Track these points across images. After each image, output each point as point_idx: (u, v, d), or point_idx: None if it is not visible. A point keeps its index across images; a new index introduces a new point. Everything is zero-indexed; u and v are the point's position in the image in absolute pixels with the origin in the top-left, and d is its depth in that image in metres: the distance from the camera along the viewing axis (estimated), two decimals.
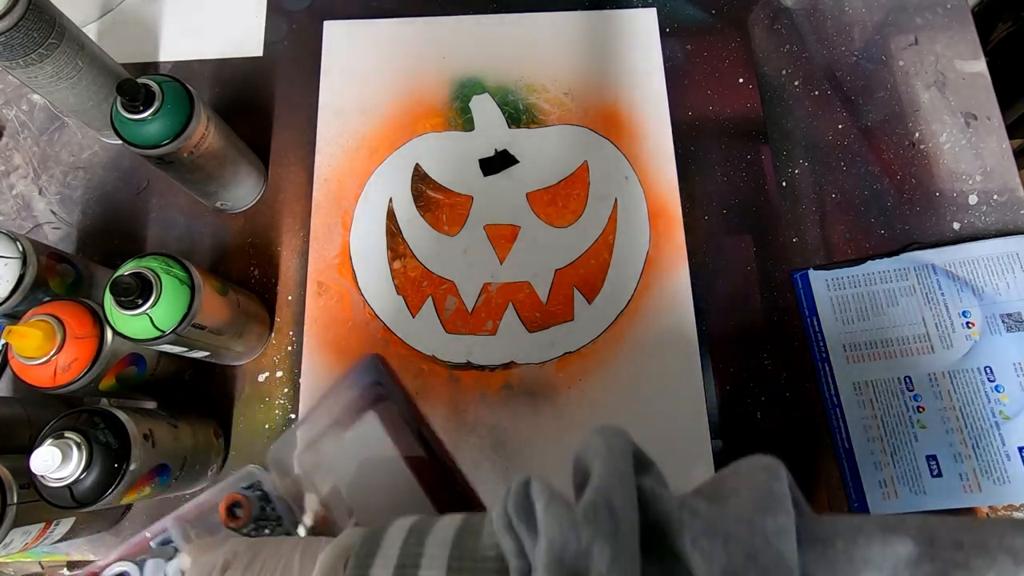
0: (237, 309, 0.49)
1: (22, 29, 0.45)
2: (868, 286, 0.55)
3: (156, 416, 0.45)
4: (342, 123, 0.61)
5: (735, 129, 0.60)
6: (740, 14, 0.64)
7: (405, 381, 0.54)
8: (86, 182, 0.60)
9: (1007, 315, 0.53)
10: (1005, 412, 0.51)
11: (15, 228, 0.58)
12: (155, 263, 0.43)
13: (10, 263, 0.45)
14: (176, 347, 0.45)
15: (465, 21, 0.64)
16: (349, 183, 0.59)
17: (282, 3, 0.65)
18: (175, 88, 0.47)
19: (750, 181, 0.59)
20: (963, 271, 0.55)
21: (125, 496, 0.41)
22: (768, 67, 0.62)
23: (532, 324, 0.55)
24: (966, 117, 0.60)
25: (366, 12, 0.65)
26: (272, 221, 0.59)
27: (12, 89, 0.63)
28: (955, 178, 0.58)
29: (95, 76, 0.52)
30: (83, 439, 0.39)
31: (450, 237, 0.57)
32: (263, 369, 0.55)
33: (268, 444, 0.53)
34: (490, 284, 0.56)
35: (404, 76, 0.62)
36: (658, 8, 0.64)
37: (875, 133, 0.60)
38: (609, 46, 0.63)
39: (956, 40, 0.62)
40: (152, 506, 0.52)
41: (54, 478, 0.38)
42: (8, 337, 0.41)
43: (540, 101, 0.61)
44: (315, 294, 0.56)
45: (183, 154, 0.47)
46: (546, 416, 0.53)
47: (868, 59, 0.62)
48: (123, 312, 0.41)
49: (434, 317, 0.55)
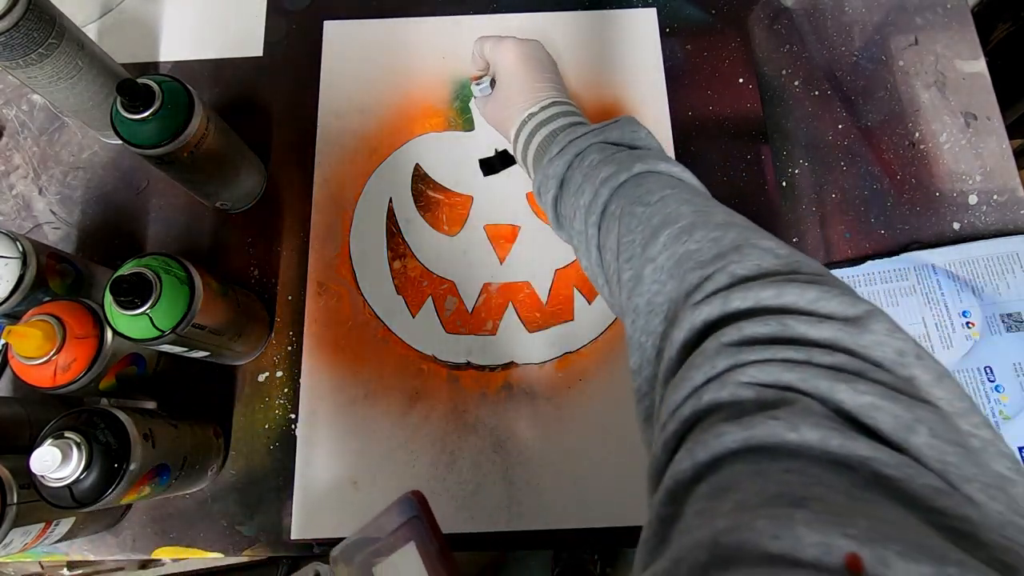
0: (237, 309, 0.49)
1: (22, 29, 0.45)
2: (868, 286, 0.55)
3: (156, 416, 0.45)
4: (342, 123, 0.61)
5: (735, 129, 0.60)
6: (740, 14, 0.64)
7: (405, 381, 0.54)
8: (86, 182, 0.60)
9: (1007, 315, 0.53)
10: (1005, 412, 0.51)
11: (15, 228, 0.58)
12: (155, 263, 0.43)
13: (10, 263, 0.45)
14: (176, 347, 0.45)
15: (465, 21, 0.64)
16: (349, 183, 0.59)
17: (282, 3, 0.65)
18: (175, 88, 0.47)
19: (750, 181, 0.59)
20: (963, 271, 0.55)
21: (125, 496, 0.41)
22: (768, 67, 0.62)
23: (532, 324, 0.55)
24: (966, 117, 0.60)
25: (366, 12, 0.65)
26: (272, 221, 0.59)
27: (12, 89, 0.63)
28: (955, 178, 0.58)
29: (95, 76, 0.52)
30: (83, 439, 0.39)
31: (450, 237, 0.57)
32: (263, 369, 0.55)
33: (269, 443, 0.53)
34: (490, 284, 0.56)
35: (404, 76, 0.62)
36: (658, 8, 0.64)
37: (875, 133, 0.60)
38: (609, 46, 0.63)
39: (956, 40, 0.62)
40: (152, 506, 0.52)
41: (54, 478, 0.38)
42: (8, 337, 0.41)
43: None
44: (315, 294, 0.56)
45: (183, 154, 0.47)
46: (546, 416, 0.53)
47: (868, 59, 0.62)
48: (123, 312, 0.41)
49: (434, 317, 0.55)
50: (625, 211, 0.35)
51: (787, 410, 0.20)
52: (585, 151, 0.41)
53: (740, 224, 0.30)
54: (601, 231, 0.37)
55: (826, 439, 0.19)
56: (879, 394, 0.20)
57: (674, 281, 0.29)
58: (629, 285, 0.32)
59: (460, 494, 0.51)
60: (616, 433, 0.52)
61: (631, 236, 0.33)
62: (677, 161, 0.39)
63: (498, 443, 0.52)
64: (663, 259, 0.30)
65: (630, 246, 0.33)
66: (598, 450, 0.52)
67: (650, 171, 0.37)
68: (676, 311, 0.28)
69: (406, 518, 0.39)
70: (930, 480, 0.18)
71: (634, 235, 0.33)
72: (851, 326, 0.23)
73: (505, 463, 0.52)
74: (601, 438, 0.52)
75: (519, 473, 0.51)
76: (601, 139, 0.41)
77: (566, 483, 0.51)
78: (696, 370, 0.24)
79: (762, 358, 0.23)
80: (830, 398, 0.21)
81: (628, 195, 0.35)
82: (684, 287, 0.28)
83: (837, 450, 0.19)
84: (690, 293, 0.27)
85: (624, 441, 0.52)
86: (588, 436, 0.52)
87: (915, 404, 0.20)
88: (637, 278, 0.31)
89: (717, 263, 0.27)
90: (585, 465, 0.52)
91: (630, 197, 0.35)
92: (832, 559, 0.15)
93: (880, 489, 0.18)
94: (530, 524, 0.50)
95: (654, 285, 0.30)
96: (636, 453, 0.52)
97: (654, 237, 0.31)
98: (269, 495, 0.52)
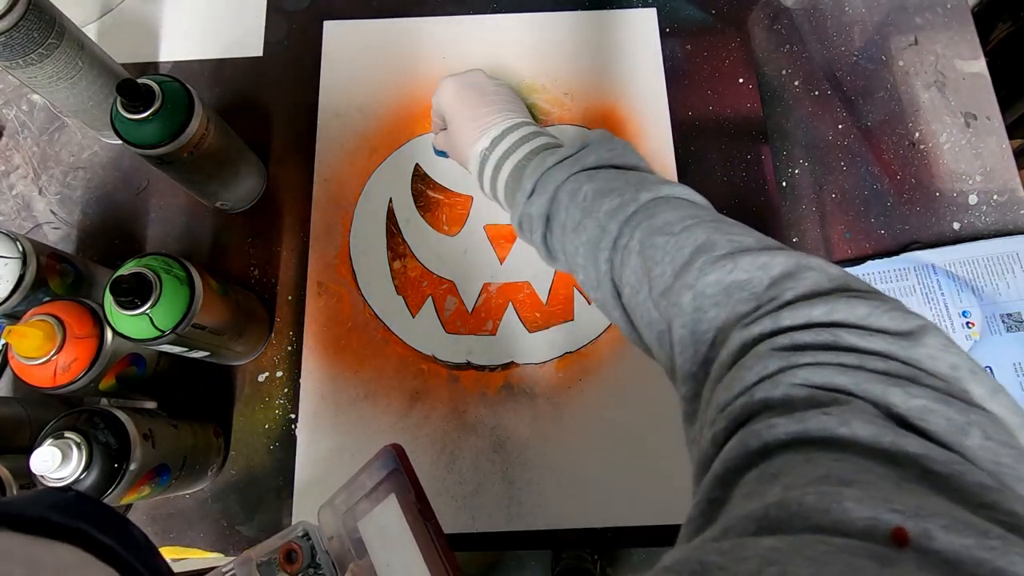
0: (237, 309, 0.49)
1: (22, 29, 0.45)
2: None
3: (156, 416, 0.45)
4: (342, 123, 0.61)
5: (735, 129, 0.60)
6: (740, 14, 0.64)
7: (405, 381, 0.54)
8: (86, 182, 0.60)
9: (1007, 315, 0.53)
10: None
11: (15, 228, 0.58)
12: (155, 263, 0.43)
13: (10, 263, 0.45)
14: (176, 347, 0.45)
15: (465, 21, 0.64)
16: (349, 183, 0.59)
17: (282, 3, 0.65)
18: (175, 88, 0.47)
19: (750, 181, 0.59)
20: (963, 271, 0.55)
21: (125, 496, 0.41)
22: (768, 67, 0.62)
23: (532, 324, 0.55)
24: (966, 117, 0.60)
25: (366, 12, 0.65)
26: (272, 221, 0.59)
27: (12, 89, 0.63)
28: (955, 178, 0.58)
29: (95, 76, 0.52)
30: (83, 439, 0.39)
31: (450, 237, 0.57)
32: (263, 369, 0.55)
33: (269, 443, 0.53)
34: (490, 284, 0.56)
35: (404, 76, 0.62)
36: (658, 8, 0.64)
37: (875, 133, 0.60)
38: (609, 46, 0.63)
39: (956, 40, 0.62)
40: (152, 506, 0.52)
41: (54, 478, 0.38)
42: (8, 337, 0.41)
43: (540, 101, 0.61)
44: (315, 294, 0.56)
45: (183, 154, 0.47)
46: (546, 416, 0.53)
47: (868, 59, 0.62)
48: (123, 312, 0.41)
49: (434, 317, 0.55)
50: (645, 243, 0.33)
51: (839, 408, 0.21)
52: (564, 184, 0.38)
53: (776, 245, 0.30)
54: (615, 265, 0.35)
55: (878, 435, 0.19)
56: (932, 398, 0.20)
57: (720, 309, 0.28)
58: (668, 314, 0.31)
59: (460, 494, 0.51)
60: (616, 433, 0.52)
61: (660, 268, 0.32)
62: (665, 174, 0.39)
63: (498, 443, 0.52)
64: (703, 285, 0.29)
65: (660, 278, 0.31)
66: (598, 450, 0.52)
67: (658, 197, 0.35)
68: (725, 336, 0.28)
69: (387, 471, 0.39)
70: (981, 478, 0.18)
71: (663, 266, 0.32)
72: (903, 339, 0.23)
73: (505, 463, 0.52)
74: (601, 438, 0.52)
75: (519, 473, 0.51)
76: (579, 168, 0.38)
77: (566, 483, 0.51)
78: (748, 370, 0.24)
79: (815, 361, 0.23)
80: (882, 401, 0.21)
81: (643, 226, 0.34)
82: (735, 315, 0.28)
83: (888, 446, 0.19)
84: (740, 318, 0.27)
85: (624, 441, 0.52)
86: (588, 436, 0.52)
87: (968, 408, 0.20)
88: (676, 306, 0.30)
89: (773, 291, 0.27)
90: (585, 465, 0.52)
91: (646, 228, 0.33)
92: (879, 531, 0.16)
93: (929, 484, 0.18)
94: (530, 524, 0.50)
95: (696, 313, 0.29)
96: (636, 453, 0.52)
97: (688, 265, 0.30)
98: (269, 495, 0.52)
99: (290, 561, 0.40)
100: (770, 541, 0.16)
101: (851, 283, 0.27)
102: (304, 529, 0.42)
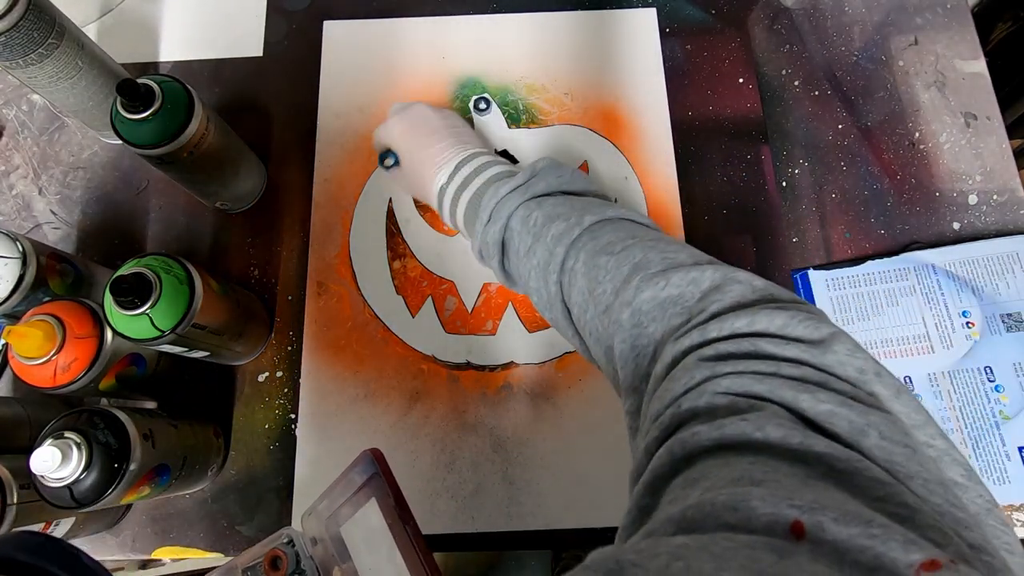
0: (237, 309, 0.49)
1: (22, 29, 0.45)
2: (868, 286, 0.55)
3: (156, 416, 0.45)
4: (342, 123, 0.61)
5: (735, 129, 0.60)
6: (740, 14, 0.64)
7: (405, 381, 0.54)
8: (86, 182, 0.60)
9: (1007, 315, 0.53)
10: (1005, 412, 0.51)
11: (15, 228, 0.58)
12: (155, 263, 0.43)
13: (10, 263, 0.45)
14: (176, 347, 0.45)
15: (465, 21, 0.64)
16: (349, 183, 0.59)
17: (282, 3, 0.65)
18: (175, 88, 0.47)
19: (750, 181, 0.59)
20: (963, 271, 0.55)
21: (125, 496, 0.41)
22: (768, 67, 0.62)
23: (532, 324, 0.55)
24: (966, 117, 0.60)
25: (366, 12, 0.65)
26: (272, 221, 0.59)
27: (12, 89, 0.63)
28: (955, 178, 0.58)
29: (95, 76, 0.52)
30: (83, 439, 0.39)
31: (450, 237, 0.57)
32: (263, 369, 0.55)
33: (268, 443, 0.53)
34: (490, 284, 0.56)
35: (404, 76, 0.62)
36: (658, 8, 0.64)
37: (875, 133, 0.60)
38: (609, 46, 0.63)
39: (956, 40, 0.62)
40: (152, 506, 0.52)
41: (54, 478, 0.38)
42: (8, 337, 0.41)
43: (540, 101, 0.61)
44: (315, 294, 0.56)
45: (183, 154, 0.47)
46: (546, 416, 0.53)
47: (868, 59, 0.62)
48: (123, 312, 0.41)
49: (434, 317, 0.55)
50: (589, 264, 0.35)
51: (755, 414, 0.23)
52: (516, 211, 0.40)
53: (707, 260, 0.32)
54: (563, 286, 0.38)
55: (787, 437, 0.21)
56: (837, 402, 0.22)
57: (657, 324, 0.30)
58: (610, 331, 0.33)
59: (460, 494, 0.51)
60: (616, 433, 0.52)
61: (602, 287, 0.34)
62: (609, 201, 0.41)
63: (498, 443, 0.52)
64: (640, 302, 0.31)
65: (602, 296, 0.34)
66: (598, 450, 0.52)
67: (603, 219, 0.38)
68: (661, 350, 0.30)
69: (367, 476, 0.39)
70: (877, 474, 0.20)
71: (604, 285, 0.34)
72: (815, 347, 0.25)
73: (505, 463, 0.52)
74: (601, 438, 0.52)
75: (519, 473, 0.51)
76: (528, 196, 0.41)
77: (566, 483, 0.51)
78: (676, 382, 0.26)
79: (735, 370, 0.25)
80: (794, 406, 0.23)
81: (587, 248, 0.36)
82: (669, 328, 0.30)
83: (797, 447, 0.21)
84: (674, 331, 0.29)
85: (624, 441, 0.52)
86: (588, 436, 0.52)
87: (868, 411, 0.22)
88: (616, 323, 0.32)
89: (701, 304, 0.29)
90: (585, 465, 0.52)
91: (590, 250, 0.36)
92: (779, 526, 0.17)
93: (833, 480, 0.20)
94: (530, 524, 0.50)
95: (635, 329, 0.31)
96: None
97: (626, 283, 0.32)
98: (269, 495, 0.52)
99: (275, 568, 0.41)
100: (681, 539, 0.18)
101: (775, 294, 0.29)
102: (288, 536, 0.43)
